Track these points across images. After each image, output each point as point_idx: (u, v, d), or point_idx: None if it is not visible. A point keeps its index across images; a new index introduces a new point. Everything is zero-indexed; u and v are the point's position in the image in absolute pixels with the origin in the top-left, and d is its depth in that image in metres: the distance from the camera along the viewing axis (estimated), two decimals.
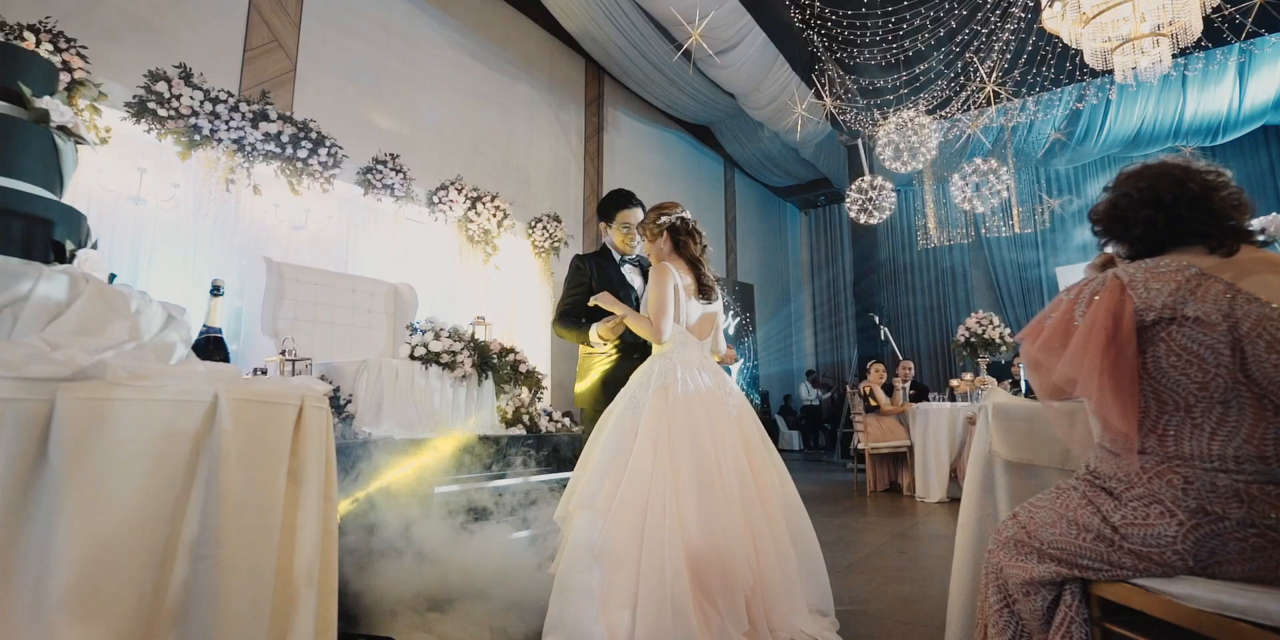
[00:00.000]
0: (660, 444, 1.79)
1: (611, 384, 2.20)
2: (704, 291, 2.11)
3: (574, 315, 2.31)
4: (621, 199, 2.43)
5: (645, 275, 2.44)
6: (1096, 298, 1.01)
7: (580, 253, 2.49)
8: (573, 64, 8.39)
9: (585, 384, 2.34)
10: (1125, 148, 9.21)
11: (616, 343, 2.28)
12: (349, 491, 2.02)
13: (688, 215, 2.19)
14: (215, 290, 1.41)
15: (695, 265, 2.12)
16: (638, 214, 2.42)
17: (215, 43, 4.91)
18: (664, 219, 2.14)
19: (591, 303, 2.17)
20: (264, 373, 3.10)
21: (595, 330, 2.19)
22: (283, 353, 3.32)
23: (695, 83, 8.22)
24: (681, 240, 2.14)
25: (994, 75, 4.95)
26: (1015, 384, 5.02)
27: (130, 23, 4.49)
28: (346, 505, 1.95)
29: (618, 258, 2.43)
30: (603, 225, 2.45)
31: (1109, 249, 1.16)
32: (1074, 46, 3.47)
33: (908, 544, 3.39)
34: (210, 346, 1.33)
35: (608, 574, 1.66)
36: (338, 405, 3.18)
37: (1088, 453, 1.35)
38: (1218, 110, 7.43)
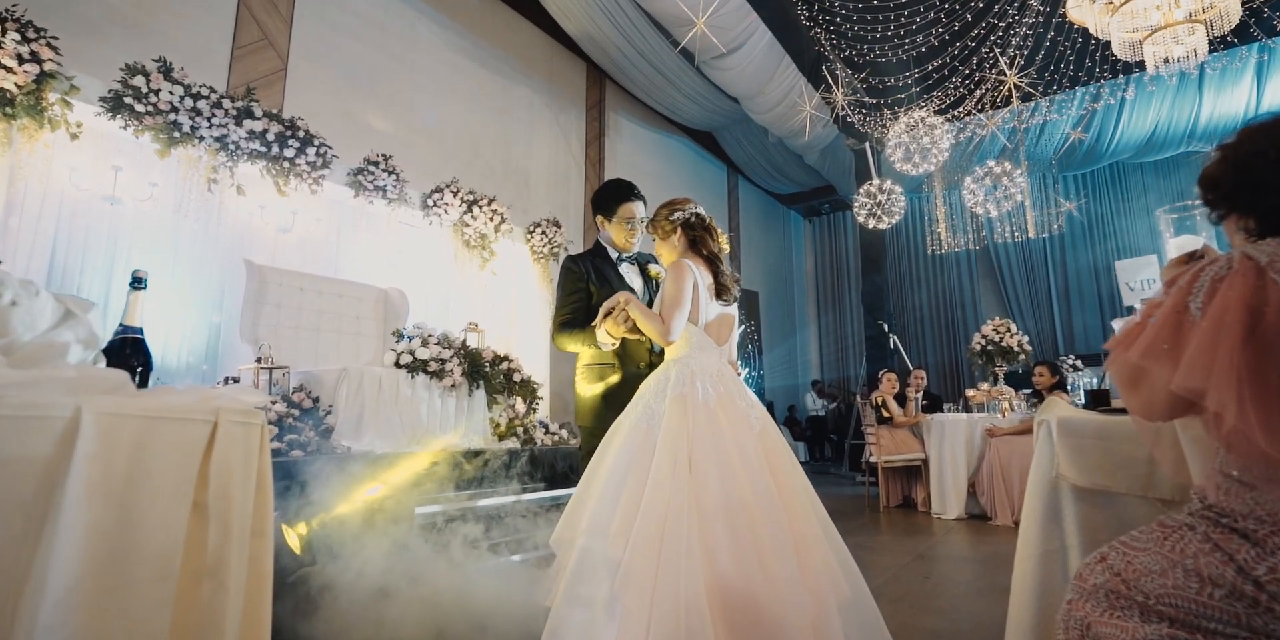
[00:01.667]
0: (680, 460, 1.58)
1: (615, 397, 1.98)
2: (722, 291, 1.95)
3: (576, 323, 2.07)
4: (624, 191, 2.20)
5: (645, 274, 2.21)
6: (1221, 284, 0.79)
7: (572, 254, 2.23)
8: (573, 68, 8.25)
9: (585, 397, 2.09)
10: (1137, 153, 9.04)
11: (617, 350, 2.04)
12: (311, 514, 1.79)
13: (702, 211, 2.01)
14: (136, 283, 1.19)
15: (713, 263, 1.95)
16: (641, 208, 2.20)
17: (203, 40, 4.76)
18: (678, 214, 1.97)
19: (597, 324, 1.94)
20: (236, 382, 2.90)
21: (601, 327, 1.97)
22: (258, 360, 3.11)
23: (699, 87, 8.07)
24: (698, 236, 1.97)
25: (1014, 69, 4.74)
26: (1036, 394, 4.78)
27: (114, 18, 4.34)
28: (304, 531, 1.73)
29: (615, 256, 2.20)
30: (600, 219, 2.21)
31: (1226, 224, 0.94)
32: (1100, 37, 3.28)
33: (930, 567, 3.15)
34: (127, 350, 1.12)
35: (627, 609, 1.44)
36: (316, 417, 2.97)
37: (1181, 478, 1.12)
38: (1234, 112, 7.24)
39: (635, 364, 2.07)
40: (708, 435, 1.64)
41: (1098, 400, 1.43)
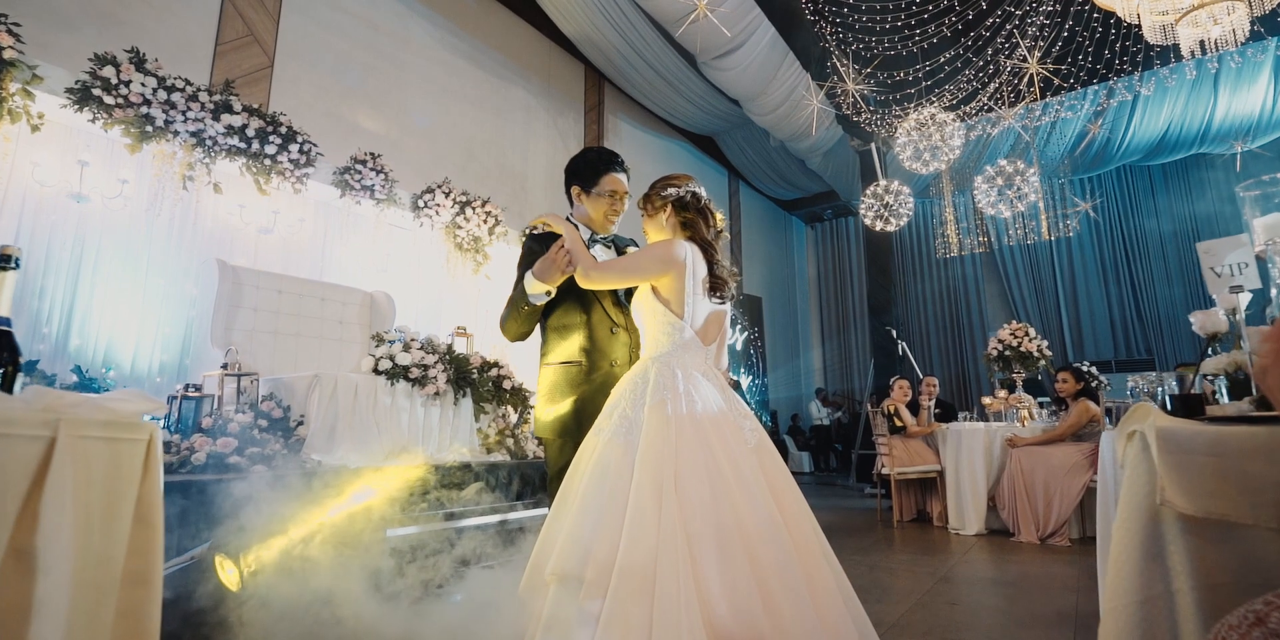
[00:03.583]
0: (667, 484, 1.31)
1: (584, 403, 1.67)
2: (716, 286, 1.67)
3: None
4: (608, 159, 1.90)
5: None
6: None
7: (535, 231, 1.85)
8: (572, 70, 8.10)
9: (550, 405, 1.76)
10: (1147, 155, 8.85)
11: (586, 347, 1.72)
12: (259, 542, 1.55)
13: (701, 191, 1.76)
14: (3, 261, 0.96)
15: (707, 251, 1.68)
16: (626, 182, 1.91)
17: (184, 35, 4.58)
18: (671, 190, 1.72)
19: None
20: (198, 389, 2.66)
21: (529, 276, 1.65)
22: (224, 366, 2.88)
23: (699, 89, 7.91)
24: (689, 219, 1.71)
25: (1036, 55, 4.51)
26: (1060, 402, 4.54)
27: (89, 10, 4.16)
28: (248, 563, 1.48)
29: (587, 237, 1.86)
30: (576, 191, 1.86)
31: None
32: (1128, 21, 3.08)
33: (957, 591, 2.88)
34: None
35: None
36: (286, 427, 2.73)
37: None
38: (1250, 112, 7.05)
39: (609, 362, 1.74)
40: (696, 451, 1.38)
41: (1189, 408, 1.20)
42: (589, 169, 1.87)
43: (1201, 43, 2.89)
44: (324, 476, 2.08)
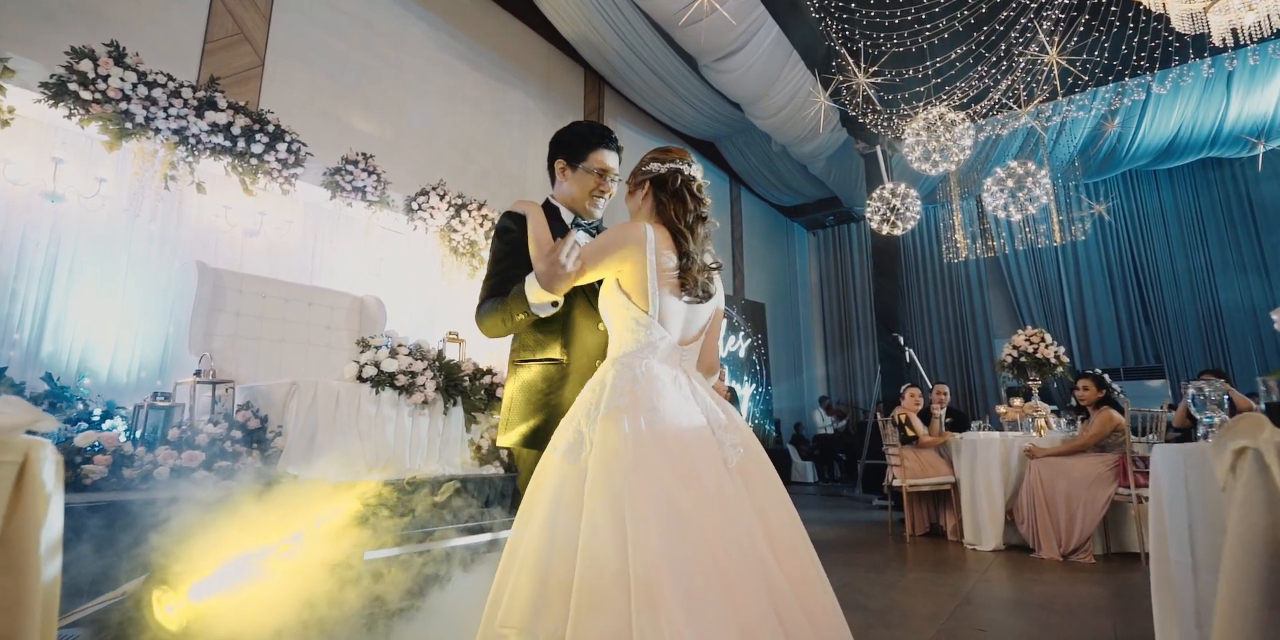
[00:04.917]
0: (629, 513, 1.09)
1: (556, 408, 1.47)
2: (687, 283, 1.37)
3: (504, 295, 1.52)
4: (599, 134, 1.64)
5: None
6: None
7: (514, 212, 1.61)
8: (571, 73, 8.00)
9: (522, 410, 1.51)
10: (1155, 159, 8.72)
11: (565, 341, 1.50)
12: (208, 571, 1.36)
13: (689, 170, 1.47)
14: None
15: (679, 240, 1.39)
16: (617, 161, 1.68)
17: (171, 32, 4.45)
18: (653, 165, 1.45)
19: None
20: (167, 398, 2.49)
21: (530, 281, 1.37)
22: (197, 373, 2.70)
23: (700, 92, 7.79)
24: (662, 201, 1.43)
25: (1054, 49, 4.34)
26: (1079, 410, 4.35)
27: (76, 6, 4.03)
28: (201, 592, 1.30)
29: (568, 220, 1.65)
30: (560, 165, 1.65)
31: None
32: (1157, 11, 2.94)
33: (982, 615, 2.69)
34: None
35: None
36: (263, 439, 2.54)
37: None
38: (1263, 112, 6.91)
39: (591, 359, 1.51)
40: (658, 475, 1.14)
41: None
42: (578, 141, 1.65)
43: (1235, 31, 2.75)
44: (295, 492, 1.90)
